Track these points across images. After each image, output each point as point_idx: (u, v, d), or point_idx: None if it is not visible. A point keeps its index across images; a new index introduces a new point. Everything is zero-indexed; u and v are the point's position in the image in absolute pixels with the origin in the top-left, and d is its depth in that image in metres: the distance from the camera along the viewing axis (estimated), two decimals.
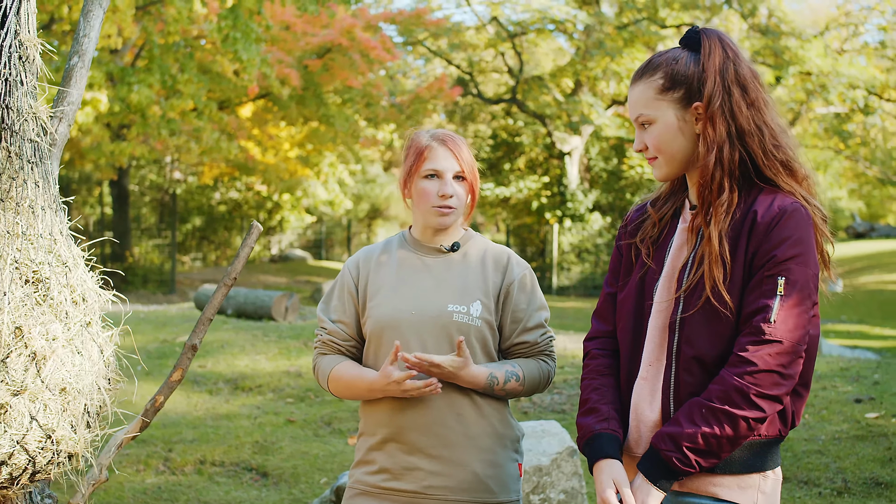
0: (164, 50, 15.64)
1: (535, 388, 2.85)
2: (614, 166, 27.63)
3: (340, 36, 18.44)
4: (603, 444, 2.35)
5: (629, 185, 27.00)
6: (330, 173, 27.70)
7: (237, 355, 8.94)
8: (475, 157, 2.94)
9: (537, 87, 25.74)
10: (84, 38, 3.27)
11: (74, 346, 2.68)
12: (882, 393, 6.91)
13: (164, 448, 6.45)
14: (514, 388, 2.78)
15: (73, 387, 2.59)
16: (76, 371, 2.62)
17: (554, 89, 25.97)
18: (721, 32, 2.41)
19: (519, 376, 2.78)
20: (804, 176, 2.38)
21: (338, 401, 7.43)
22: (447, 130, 2.90)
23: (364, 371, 2.80)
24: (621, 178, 27.29)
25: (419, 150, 2.85)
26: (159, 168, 28.38)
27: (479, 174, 2.98)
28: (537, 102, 25.66)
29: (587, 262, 25.98)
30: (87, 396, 2.66)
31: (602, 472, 2.32)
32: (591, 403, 2.45)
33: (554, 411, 6.92)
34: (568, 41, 25.93)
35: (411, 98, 22.28)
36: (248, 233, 3.01)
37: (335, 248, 36.28)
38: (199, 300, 12.59)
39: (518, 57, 25.83)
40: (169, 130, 16.17)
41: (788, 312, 2.20)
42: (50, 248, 2.54)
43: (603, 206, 27.05)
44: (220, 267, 28.70)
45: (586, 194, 26.00)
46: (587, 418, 2.43)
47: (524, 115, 26.89)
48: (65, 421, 2.60)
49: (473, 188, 2.88)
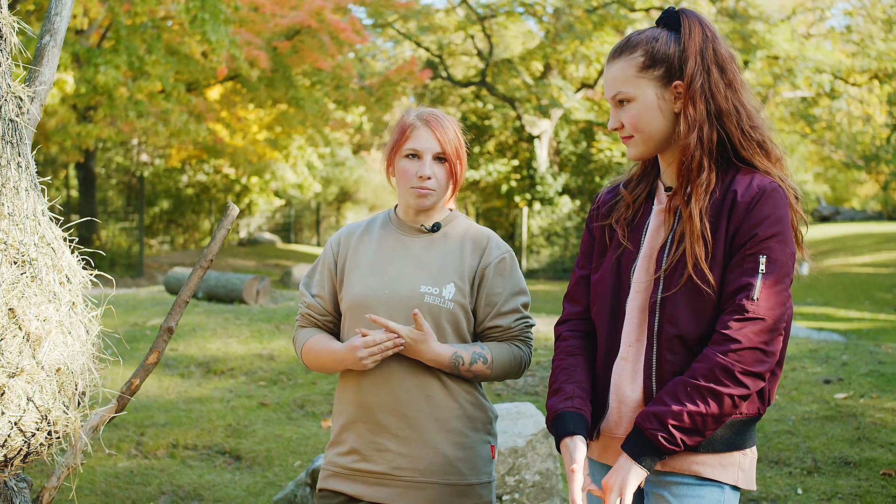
0: (132, 31, 15.45)
1: (506, 373, 2.82)
2: (583, 150, 27.71)
3: (310, 17, 18.31)
4: (566, 422, 2.36)
5: (598, 169, 27.09)
6: (299, 156, 27.57)
7: (209, 338, 8.89)
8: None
9: (507, 71, 25.75)
10: (56, 17, 3.21)
11: (64, 327, 2.66)
12: (850, 374, 7.00)
13: (136, 432, 6.41)
14: (481, 370, 2.75)
15: (68, 367, 2.58)
16: (69, 352, 2.61)
17: (523, 72, 25.98)
18: (700, 13, 2.42)
19: (487, 359, 2.75)
20: (778, 157, 2.41)
21: (311, 383, 7.42)
22: (435, 110, 2.87)
23: (333, 342, 2.80)
24: (590, 161, 27.37)
25: (403, 128, 2.83)
26: (126, 151, 28.10)
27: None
28: (507, 86, 25.66)
29: (556, 245, 26.07)
30: (78, 377, 2.65)
31: (566, 449, 2.33)
32: (557, 384, 2.46)
33: (528, 393, 6.95)
34: (537, 24, 25.91)
35: (381, 81, 22.18)
36: (224, 214, 2.99)
37: (304, 231, 36.17)
38: (170, 283, 12.50)
39: (488, 40, 25.80)
40: (137, 112, 16.01)
41: (769, 290, 2.22)
42: (35, 230, 2.52)
43: (572, 189, 27.13)
44: (188, 250, 28.51)
45: (556, 177, 26.06)
46: (553, 399, 2.44)
47: (494, 98, 26.88)
48: (59, 402, 2.59)
49: (454, 169, 2.84)
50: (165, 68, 15.72)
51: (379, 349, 2.65)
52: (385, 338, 2.64)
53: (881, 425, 5.79)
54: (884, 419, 5.89)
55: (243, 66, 16.61)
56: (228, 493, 5.44)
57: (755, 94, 2.46)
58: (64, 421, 2.60)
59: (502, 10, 25.21)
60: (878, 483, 4.99)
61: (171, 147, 23.99)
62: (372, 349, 2.65)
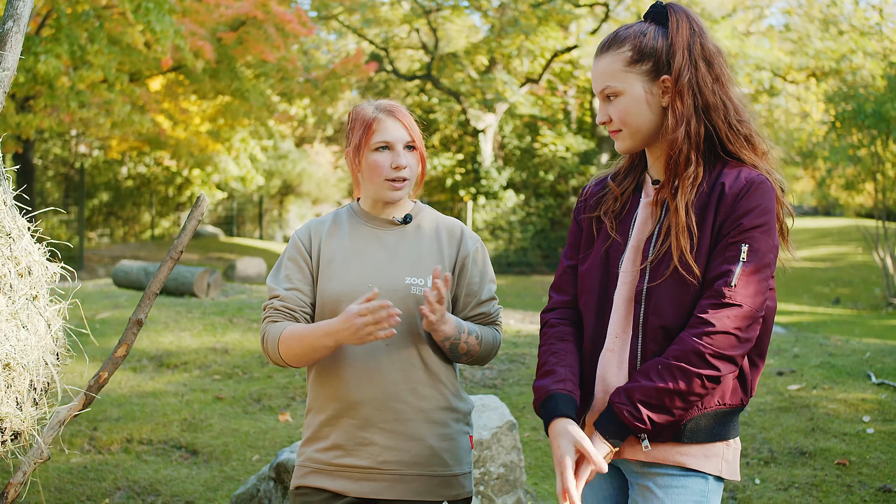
0: (73, 19, 15.13)
1: (488, 352, 2.84)
2: (528, 144, 27.86)
3: (255, 8, 18.09)
4: (558, 404, 2.36)
5: (542, 163, 27.25)
6: (241, 149, 27.27)
7: (161, 332, 8.76)
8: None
9: (452, 64, 25.75)
10: (18, 2, 3.14)
11: (19, 319, 2.58)
12: (802, 366, 7.14)
13: (89, 427, 6.30)
14: (474, 344, 2.75)
15: (18, 362, 2.50)
16: (21, 346, 2.53)
17: (468, 66, 26.00)
18: (687, 8, 2.44)
19: (478, 334, 2.77)
20: (764, 150, 2.45)
21: (267, 377, 7.35)
22: (391, 101, 2.86)
23: (320, 323, 2.65)
24: (535, 155, 27.52)
25: (366, 122, 2.79)
26: (64, 142, 27.57)
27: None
28: (452, 79, 25.67)
29: (501, 239, 26.17)
30: (32, 372, 2.57)
31: (558, 433, 2.31)
32: (548, 366, 2.46)
33: (486, 386, 6.96)
34: (482, 18, 25.94)
35: (327, 73, 22.03)
36: (194, 205, 2.94)
37: (247, 224, 35.84)
38: (117, 276, 12.29)
39: (433, 33, 25.78)
40: (78, 102, 15.68)
41: (749, 278, 2.25)
42: None
43: (516, 183, 27.26)
44: (128, 243, 28.06)
45: (500, 172, 26.16)
46: (544, 380, 2.44)
47: (439, 91, 26.89)
48: (9, 398, 2.52)
49: (423, 157, 2.85)
50: (108, 58, 15.42)
51: (374, 317, 2.49)
52: (380, 305, 2.49)
53: (834, 416, 5.91)
54: (836, 410, 6.01)
55: (188, 57, 16.36)
56: (186, 487, 5.38)
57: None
58: (16, 418, 2.53)
59: (447, 4, 25.21)
60: (833, 472, 5.09)
61: (113, 138, 23.58)
62: (375, 315, 2.49)
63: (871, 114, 15.99)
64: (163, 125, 21.79)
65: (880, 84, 18.01)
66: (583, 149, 26.98)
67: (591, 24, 26.51)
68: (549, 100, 28.05)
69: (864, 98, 16.60)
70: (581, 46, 24.82)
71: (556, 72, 27.36)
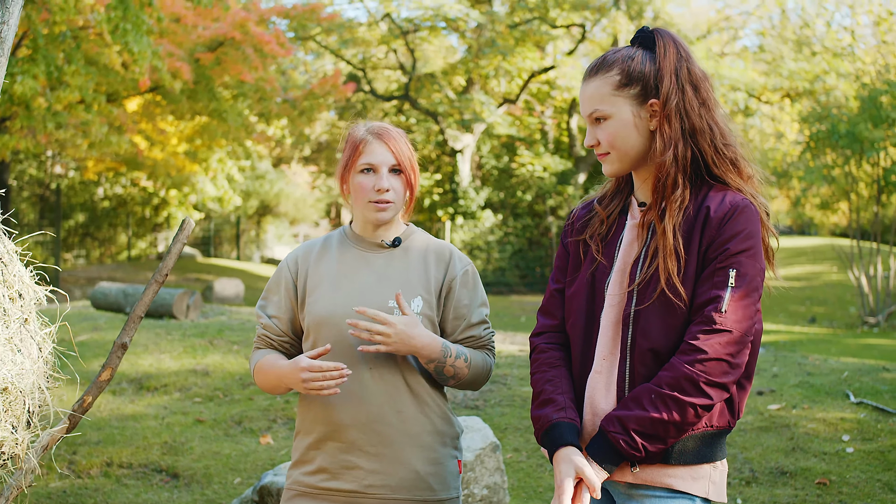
0: (50, 40, 15.08)
1: (477, 376, 2.82)
2: (505, 164, 27.97)
3: (233, 29, 18.12)
4: (563, 433, 2.36)
5: (520, 183, 27.35)
6: (219, 169, 27.20)
7: (140, 354, 8.70)
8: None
9: (429, 85, 25.86)
10: (3, 26, 3.15)
11: (14, 344, 2.59)
12: (781, 385, 7.18)
13: (68, 451, 6.24)
14: (461, 367, 2.74)
15: (16, 386, 2.50)
16: (17, 370, 2.53)
17: (446, 87, 26.10)
18: (673, 33, 2.47)
19: (467, 357, 2.76)
20: (749, 174, 2.47)
21: (248, 399, 7.32)
22: (384, 123, 2.87)
23: (280, 360, 2.76)
24: (512, 175, 27.62)
25: (355, 144, 2.82)
26: (39, 163, 27.41)
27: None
28: (430, 100, 25.77)
29: (479, 258, 26.21)
30: (28, 396, 2.57)
31: (563, 460, 2.32)
32: (546, 395, 2.46)
33: (468, 407, 6.96)
34: (460, 39, 26.08)
35: (305, 94, 22.05)
36: (179, 228, 2.94)
37: (224, 245, 35.69)
38: (96, 298, 12.21)
39: (411, 54, 25.86)
40: (55, 123, 15.61)
41: (738, 304, 2.26)
42: None
43: (494, 203, 27.33)
44: (104, 265, 27.88)
45: (478, 192, 26.23)
46: (545, 409, 2.43)
47: (417, 112, 26.97)
48: (6, 422, 2.51)
49: (410, 181, 2.85)
50: (85, 79, 15.36)
51: (322, 377, 2.58)
52: (332, 367, 2.58)
53: (814, 435, 5.95)
54: (816, 429, 6.06)
55: (166, 78, 16.32)
56: None
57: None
58: (12, 441, 2.53)
59: (425, 25, 25.31)
60: (814, 492, 5.13)
61: (89, 159, 23.46)
62: (315, 375, 2.59)
63: (844, 134, 16.15)
64: (140, 146, 21.72)
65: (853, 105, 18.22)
66: (560, 169, 27.10)
67: (568, 44, 26.71)
68: (527, 120, 28.19)
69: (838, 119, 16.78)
70: (558, 67, 24.98)
71: (533, 92, 27.51)
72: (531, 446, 6.15)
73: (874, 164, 17.19)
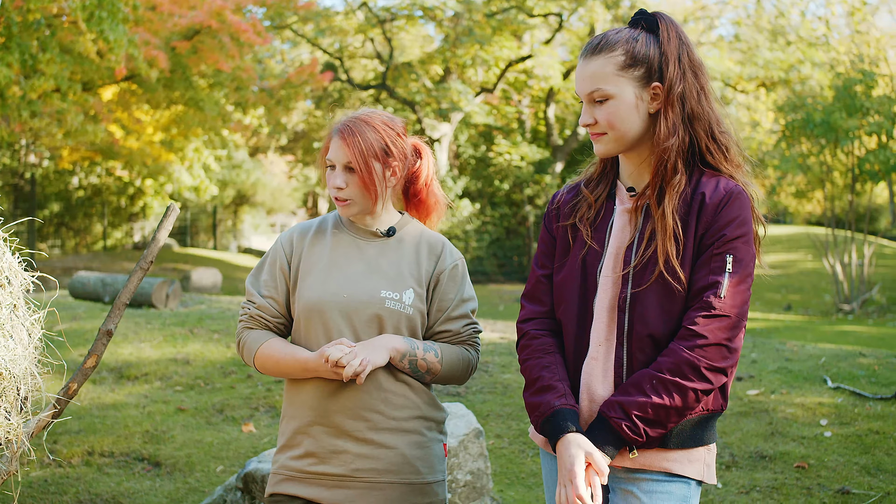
0: (23, 28, 14.93)
1: (454, 372, 2.83)
2: (482, 153, 27.97)
3: (210, 18, 17.99)
4: (567, 419, 2.36)
5: (497, 172, 27.37)
6: (195, 158, 27.06)
7: (120, 343, 8.66)
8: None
9: (407, 74, 25.80)
10: None
11: (6, 330, 2.59)
12: (760, 371, 7.26)
13: (49, 440, 6.22)
14: (433, 361, 2.75)
15: (10, 372, 2.50)
16: (10, 356, 2.53)
17: (423, 76, 26.06)
18: (673, 18, 2.47)
19: (437, 352, 2.77)
20: (740, 162, 2.48)
21: (229, 388, 7.31)
22: (356, 116, 2.82)
23: (297, 349, 2.75)
24: (490, 164, 27.63)
25: (328, 137, 2.84)
26: (13, 151, 27.16)
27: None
28: (407, 89, 25.72)
29: (457, 247, 26.05)
30: (20, 381, 2.58)
31: (570, 445, 2.31)
32: (544, 381, 2.45)
33: (450, 394, 6.98)
34: (437, 28, 26.03)
35: (282, 83, 21.96)
36: (164, 215, 2.95)
37: (200, 234, 35.50)
38: (74, 287, 12.14)
39: (388, 43, 25.80)
40: (30, 112, 15.48)
41: (735, 289, 2.29)
42: None
43: (472, 192, 27.35)
44: (80, 255, 27.69)
45: (455, 181, 26.23)
46: (545, 396, 2.43)
47: (394, 101, 26.91)
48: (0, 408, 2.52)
49: (364, 179, 2.76)
50: (60, 67, 15.24)
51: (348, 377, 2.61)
52: (352, 371, 2.59)
53: (792, 420, 6.02)
54: (794, 414, 6.13)
55: (142, 67, 16.21)
56: (149, 500, 5.33)
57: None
58: (5, 427, 2.54)
59: (402, 14, 25.24)
60: (793, 476, 5.19)
61: (64, 148, 23.28)
62: (344, 375, 2.61)
63: (819, 123, 16.29)
64: (116, 135, 21.57)
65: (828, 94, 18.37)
66: (537, 158, 27.14)
67: (545, 34, 26.71)
68: (504, 109, 28.21)
69: (813, 108, 16.91)
70: (535, 56, 24.99)
71: (510, 81, 27.52)
72: (513, 433, 6.18)
73: (848, 152, 17.35)
